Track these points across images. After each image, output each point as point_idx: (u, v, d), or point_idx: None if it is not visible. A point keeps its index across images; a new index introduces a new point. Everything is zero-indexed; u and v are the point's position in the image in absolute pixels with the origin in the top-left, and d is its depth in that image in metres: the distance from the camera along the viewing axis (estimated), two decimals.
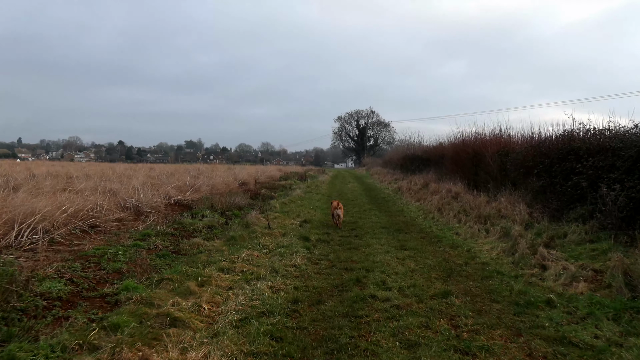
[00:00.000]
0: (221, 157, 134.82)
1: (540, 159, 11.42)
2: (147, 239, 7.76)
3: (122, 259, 6.35)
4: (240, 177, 22.61)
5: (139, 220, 10.18)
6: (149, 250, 7.13)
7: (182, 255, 7.14)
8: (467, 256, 7.19)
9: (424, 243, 8.33)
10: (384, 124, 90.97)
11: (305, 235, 8.59)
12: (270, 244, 7.82)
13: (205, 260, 6.52)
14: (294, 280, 5.80)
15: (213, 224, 9.57)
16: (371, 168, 50.57)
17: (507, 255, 7.11)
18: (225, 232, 8.93)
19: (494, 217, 9.94)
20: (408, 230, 9.84)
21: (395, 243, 8.29)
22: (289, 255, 6.99)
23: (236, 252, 7.09)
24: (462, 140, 19.19)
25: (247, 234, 8.63)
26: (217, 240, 8.15)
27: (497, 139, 16.58)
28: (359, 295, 5.07)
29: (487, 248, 7.71)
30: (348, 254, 7.36)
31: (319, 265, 6.66)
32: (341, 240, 8.52)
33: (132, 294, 4.94)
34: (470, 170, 17.19)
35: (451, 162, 19.54)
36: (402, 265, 6.60)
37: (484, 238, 8.58)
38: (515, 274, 6.07)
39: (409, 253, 7.43)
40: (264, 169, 35.17)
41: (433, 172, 23.08)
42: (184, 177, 20.32)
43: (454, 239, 8.74)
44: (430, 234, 9.37)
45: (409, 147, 36.53)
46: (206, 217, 10.31)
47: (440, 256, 7.24)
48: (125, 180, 17.83)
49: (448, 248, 7.89)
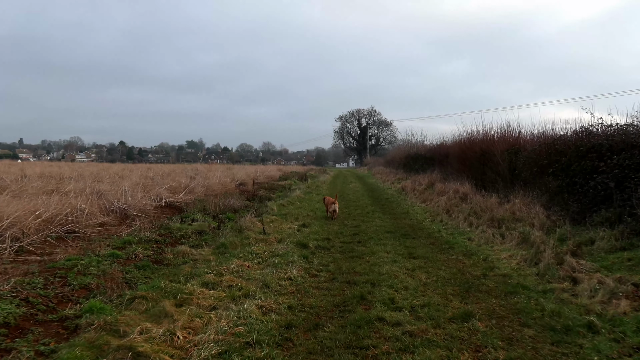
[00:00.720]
0: (222, 157, 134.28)
1: (555, 157, 10.64)
2: (127, 246, 7.00)
3: (94, 271, 5.58)
4: (238, 177, 21.86)
5: (124, 224, 9.43)
6: (127, 260, 6.36)
7: (164, 265, 6.37)
8: (485, 266, 6.41)
9: (434, 250, 7.55)
10: (385, 123, 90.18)
11: (303, 242, 7.81)
12: (264, 252, 7.04)
13: (188, 273, 5.75)
14: (289, 297, 5.02)
15: (203, 228, 8.81)
16: (373, 167, 49.79)
17: (530, 265, 6.32)
18: (216, 238, 8.16)
19: (508, 221, 9.15)
20: (415, 235, 9.05)
21: (403, 250, 7.51)
22: (284, 265, 6.22)
23: (225, 262, 6.32)
24: (468, 138, 18.42)
25: (239, 240, 7.86)
26: (205, 248, 7.38)
27: (505, 136, 15.83)
28: (364, 317, 4.28)
29: (506, 256, 6.92)
30: (350, 263, 6.58)
31: (317, 277, 5.88)
32: (343, 247, 7.75)
33: (96, 317, 4.17)
34: (477, 170, 16.44)
35: (457, 161, 18.78)
36: (412, 277, 5.81)
37: (499, 244, 7.79)
38: (542, 288, 5.28)
39: (419, 262, 6.64)
40: (263, 169, 34.42)
41: (437, 171, 22.35)
42: (180, 177, 19.57)
43: (467, 245, 7.95)
44: (440, 239, 8.59)
45: (411, 146, 35.77)
46: (197, 221, 9.55)
47: (454, 266, 6.45)
48: (118, 181, 17.10)
49: (461, 256, 7.10)
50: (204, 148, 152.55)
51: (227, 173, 24.25)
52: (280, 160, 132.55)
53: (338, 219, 11.14)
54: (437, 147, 26.73)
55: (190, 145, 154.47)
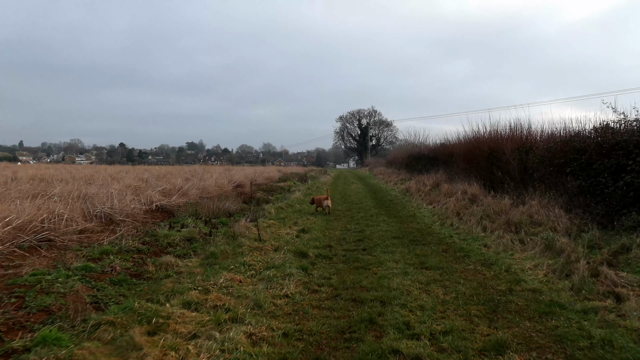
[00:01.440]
0: (222, 159, 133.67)
1: (573, 156, 9.89)
2: (104, 257, 6.24)
3: (59, 289, 4.82)
4: (236, 178, 21.09)
5: (108, 231, 8.67)
6: (102, 274, 5.59)
7: (144, 280, 5.61)
8: (509, 279, 5.63)
9: (448, 259, 6.77)
10: (386, 123, 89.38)
11: (303, 250, 7.04)
12: (259, 263, 6.27)
13: (170, 289, 4.99)
14: (284, 320, 4.26)
15: (193, 235, 8.04)
16: (374, 168, 49.03)
17: (560, 277, 5.55)
18: (207, 246, 7.40)
19: (526, 225, 8.37)
20: (425, 240, 8.28)
21: (413, 259, 6.74)
22: (279, 279, 5.45)
23: (213, 275, 5.55)
24: (474, 137, 17.67)
25: (231, 248, 7.09)
26: (193, 258, 6.62)
27: (514, 135, 15.10)
28: (375, 350, 3.51)
29: (530, 266, 6.15)
30: (355, 276, 5.81)
31: (318, 293, 5.11)
32: (346, 256, 6.98)
33: (49, 350, 3.42)
34: (485, 170, 15.69)
35: (463, 161, 18.03)
36: (428, 293, 5.04)
37: (520, 252, 7.01)
38: (582, 307, 4.51)
39: (433, 274, 5.87)
40: (262, 170, 33.66)
41: (442, 171, 21.63)
42: (176, 179, 18.83)
43: (484, 253, 7.18)
44: (452, 246, 7.81)
45: (414, 146, 35.03)
46: (187, 226, 8.78)
47: (474, 279, 5.68)
48: (111, 183, 16.37)
49: (480, 266, 6.32)
50: (204, 149, 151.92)
51: (224, 174, 23.50)
52: (281, 161, 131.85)
53: (340, 223, 10.38)
54: (441, 146, 26.01)
55: (191, 147, 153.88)
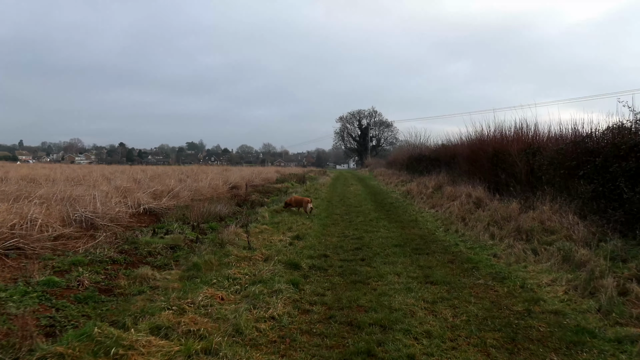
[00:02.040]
0: (222, 159, 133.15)
1: (586, 158, 9.29)
2: (73, 269, 5.60)
3: (12, 310, 4.19)
4: (232, 179, 20.45)
5: (87, 237, 8.04)
6: (67, 289, 4.96)
7: (114, 296, 4.98)
8: (525, 297, 4.99)
9: (455, 271, 6.14)
10: (386, 123, 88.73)
11: (295, 261, 6.40)
12: (245, 277, 5.64)
13: (140, 309, 4.36)
14: (267, 350, 3.62)
15: (177, 242, 7.41)
16: (374, 169, 48.41)
17: (583, 295, 4.92)
18: (191, 255, 6.77)
19: (538, 232, 7.74)
20: (429, 249, 7.65)
21: (417, 271, 6.10)
22: (266, 296, 4.82)
23: (193, 291, 4.92)
24: (478, 138, 17.06)
25: (217, 258, 6.45)
26: (173, 270, 5.98)
27: (520, 136, 14.51)
28: None
29: (547, 281, 5.52)
30: (353, 292, 5.17)
31: (309, 314, 4.48)
32: (343, 267, 6.34)
33: None
34: (490, 172, 15.09)
35: (466, 163, 17.43)
36: (435, 315, 4.41)
37: (534, 263, 6.38)
38: (614, 335, 3.87)
39: (440, 291, 5.23)
40: (261, 171, 33.03)
41: (444, 173, 21.05)
42: (169, 180, 18.22)
43: (494, 264, 6.55)
44: (459, 255, 7.18)
45: (415, 147, 34.45)
46: (172, 232, 8.15)
47: (486, 297, 5.05)
48: (103, 183, 15.75)
49: (491, 280, 5.69)
50: (204, 149, 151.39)
51: (220, 175, 22.88)
52: (281, 161, 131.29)
53: (337, 229, 9.75)
54: (443, 147, 25.43)
55: (191, 147, 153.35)
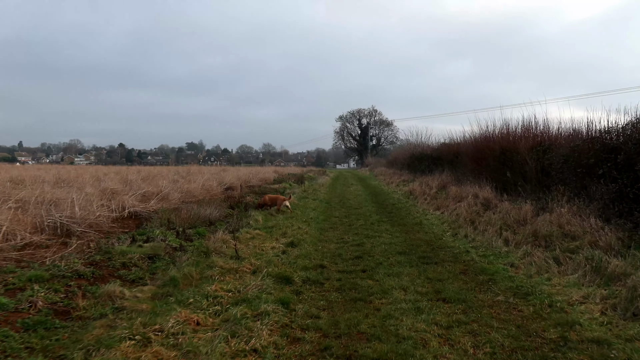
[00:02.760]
0: (222, 159, 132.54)
1: (605, 155, 8.57)
2: (28, 286, 4.84)
3: None
4: (227, 180, 19.69)
5: (59, 245, 7.29)
6: (14, 313, 4.20)
7: (71, 320, 4.22)
8: (556, 319, 4.23)
9: (469, 285, 5.37)
10: (386, 122, 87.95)
11: (287, 274, 5.63)
12: (228, 294, 4.87)
13: (95, 339, 3.60)
14: None
15: (157, 252, 6.64)
16: (375, 168, 47.66)
17: (624, 316, 4.15)
18: (170, 266, 6.00)
19: (557, 238, 6.98)
20: (437, 257, 6.88)
21: (426, 285, 5.34)
22: (250, 321, 4.06)
23: (164, 314, 4.16)
24: (484, 135, 16.31)
25: (198, 271, 5.69)
26: (146, 286, 5.22)
27: (529, 132, 13.78)
28: None
29: (577, 298, 4.76)
30: (353, 314, 4.41)
31: (300, 345, 3.72)
32: (341, 281, 5.58)
33: None
34: (497, 171, 14.36)
35: (471, 161, 16.68)
36: (451, 345, 3.65)
37: (558, 274, 5.62)
38: None
39: (454, 311, 4.47)
40: (259, 171, 32.26)
41: (447, 172, 20.33)
42: (162, 180, 17.47)
43: (513, 276, 5.78)
44: (472, 265, 6.41)
45: (416, 146, 33.74)
46: (153, 239, 7.38)
47: (509, 318, 4.28)
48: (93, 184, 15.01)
49: (512, 297, 4.93)
50: (203, 150, 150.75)
51: (217, 176, 22.12)
52: (280, 161, 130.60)
53: (336, 234, 8.99)
54: (445, 146, 24.73)
55: (190, 147, 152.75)
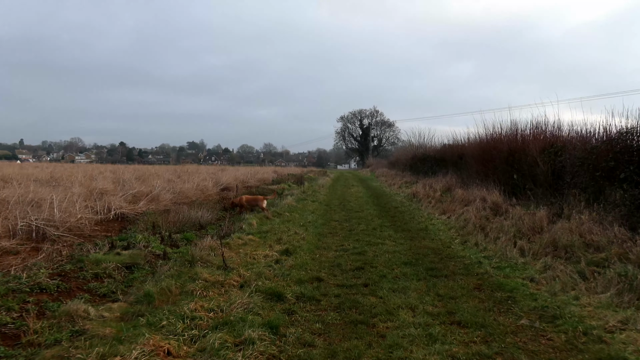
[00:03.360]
0: (223, 158, 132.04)
1: (627, 157, 7.96)
2: None
3: None
4: (224, 180, 19.03)
5: (28, 251, 6.63)
6: None
7: (20, 347, 3.56)
8: (595, 351, 3.55)
9: (487, 304, 4.70)
10: (388, 123, 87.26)
11: (278, 289, 4.95)
12: (208, 316, 4.19)
13: None
14: None
15: (137, 260, 5.97)
16: (376, 169, 46.99)
17: None
18: (149, 278, 5.34)
19: (579, 249, 6.31)
20: (447, 269, 6.21)
21: (436, 304, 4.67)
22: (230, 351, 3.38)
23: (129, 341, 3.50)
24: (490, 136, 15.66)
25: (180, 284, 5.03)
26: (117, 302, 4.56)
27: (539, 133, 13.15)
28: None
29: (615, 322, 4.08)
30: (353, 342, 3.74)
31: None
32: (340, 297, 4.91)
33: None
34: (505, 174, 13.71)
35: (477, 163, 16.03)
36: None
37: (586, 292, 4.95)
38: None
39: (473, 339, 3.80)
40: (258, 171, 31.61)
41: (451, 174, 19.69)
42: (157, 180, 16.83)
43: (534, 293, 5.10)
44: (486, 279, 5.74)
45: (418, 147, 33.13)
46: (134, 246, 6.71)
47: (539, 349, 3.60)
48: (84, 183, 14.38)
49: (538, 320, 4.25)
50: (204, 149, 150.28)
51: (214, 176, 21.48)
52: (281, 161, 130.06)
53: (335, 240, 8.33)
54: (449, 147, 24.10)
55: (192, 147, 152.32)
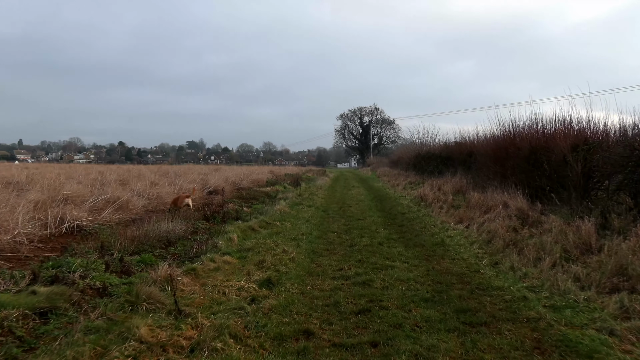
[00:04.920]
0: (222, 158, 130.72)
1: None
2: None
3: None
4: (212, 182, 17.34)
5: None
6: None
7: None
8: None
9: None
10: (388, 121, 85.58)
11: (246, 357, 3.31)
12: None
13: None
14: None
15: (56, 302, 4.29)
16: (377, 168, 45.35)
17: None
18: (60, 338, 3.70)
19: None
20: (483, 309, 4.56)
21: None
22: None
23: None
24: (508, 133, 14.00)
25: (98, 351, 3.38)
26: None
27: (569, 129, 11.51)
28: None
29: None
30: None
31: None
32: None
33: None
34: (526, 174, 12.11)
35: (492, 162, 14.40)
36: None
37: None
38: None
39: None
40: (253, 171, 29.93)
41: (460, 174, 18.06)
42: (138, 182, 15.19)
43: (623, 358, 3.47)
44: (544, 331, 4.08)
45: (422, 144, 31.55)
46: (64, 277, 5.04)
47: None
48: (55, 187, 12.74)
49: None
50: (204, 148, 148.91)
51: (206, 176, 19.84)
52: (281, 160, 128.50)
53: (333, 261, 6.67)
54: (456, 145, 22.49)
55: (191, 146, 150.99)
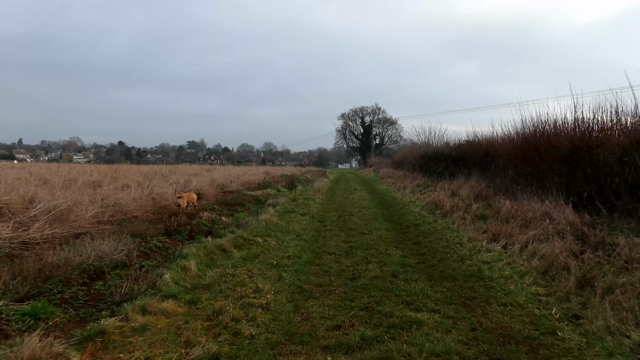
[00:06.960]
0: (222, 157, 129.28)
1: None
2: None
3: None
4: (194, 185, 15.22)
5: None
6: None
7: None
8: None
9: None
10: (390, 121, 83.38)
11: None
12: None
13: None
14: None
15: None
16: (380, 169, 43.27)
17: None
18: None
19: None
20: None
21: None
22: None
23: None
24: (541, 130, 11.84)
25: None
26: None
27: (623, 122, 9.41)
28: None
29: None
30: None
31: None
32: None
33: None
34: (566, 177, 10.10)
35: (519, 163, 12.31)
36: None
37: None
38: None
39: None
40: (246, 171, 27.85)
41: (476, 176, 15.97)
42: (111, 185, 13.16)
43: None
44: None
45: (429, 144, 29.49)
46: None
47: None
48: None
49: None
50: (204, 148, 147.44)
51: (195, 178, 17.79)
52: (282, 160, 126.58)
53: (328, 308, 4.58)
54: (469, 144, 20.40)
55: (191, 146, 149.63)
